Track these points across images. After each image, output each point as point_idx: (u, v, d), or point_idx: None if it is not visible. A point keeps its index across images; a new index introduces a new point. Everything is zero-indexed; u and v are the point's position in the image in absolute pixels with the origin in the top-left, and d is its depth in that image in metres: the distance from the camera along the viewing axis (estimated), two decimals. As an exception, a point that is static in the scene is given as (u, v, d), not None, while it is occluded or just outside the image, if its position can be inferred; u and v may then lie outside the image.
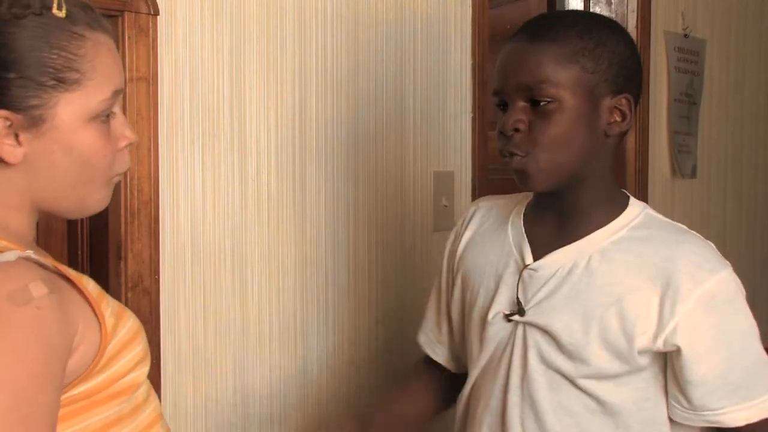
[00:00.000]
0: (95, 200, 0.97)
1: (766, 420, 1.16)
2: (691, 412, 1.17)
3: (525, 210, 1.31)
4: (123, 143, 0.97)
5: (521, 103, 1.18)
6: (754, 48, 3.14)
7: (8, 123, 0.88)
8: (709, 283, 1.15)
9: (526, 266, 1.25)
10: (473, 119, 2.09)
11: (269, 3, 1.70)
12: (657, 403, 1.20)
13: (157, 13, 1.50)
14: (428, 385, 1.49)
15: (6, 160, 0.89)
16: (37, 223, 1.53)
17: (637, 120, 2.64)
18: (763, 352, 1.18)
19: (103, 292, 0.93)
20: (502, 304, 1.27)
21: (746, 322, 1.18)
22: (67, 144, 0.91)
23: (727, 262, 1.20)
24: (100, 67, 0.93)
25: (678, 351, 1.15)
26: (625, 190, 1.29)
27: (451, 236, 1.44)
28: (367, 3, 1.88)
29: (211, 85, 1.61)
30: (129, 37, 1.46)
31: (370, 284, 1.91)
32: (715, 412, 1.16)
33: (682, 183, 2.84)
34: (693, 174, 2.87)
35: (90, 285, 0.91)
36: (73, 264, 1.55)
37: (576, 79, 1.16)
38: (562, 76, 1.16)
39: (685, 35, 2.82)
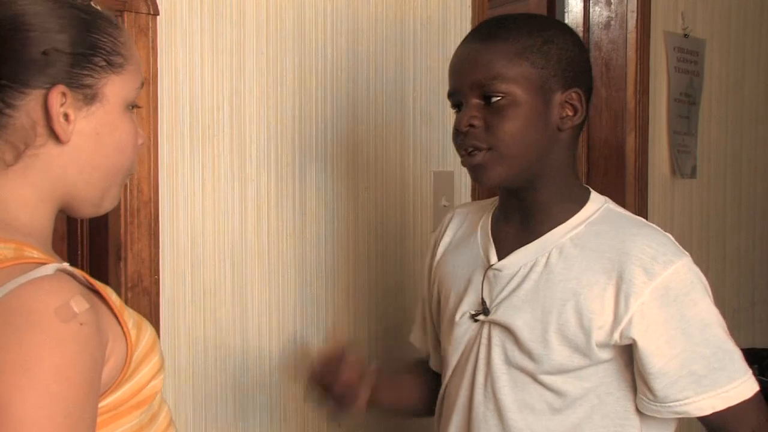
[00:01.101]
0: (113, 196, 1.00)
1: (733, 408, 1.16)
2: (657, 403, 1.18)
3: (493, 212, 1.34)
4: (140, 140, 1.00)
5: (475, 101, 1.21)
6: (754, 48, 3.14)
7: (63, 100, 0.90)
8: (663, 275, 1.16)
9: (490, 266, 1.27)
10: (473, 119, 2.09)
11: (269, 3, 1.70)
12: (620, 397, 1.22)
13: (156, 13, 1.50)
14: (428, 385, 1.49)
15: (59, 137, 0.90)
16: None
17: (637, 120, 2.64)
18: (726, 340, 1.19)
19: (123, 303, 0.94)
20: (468, 304, 1.30)
21: (705, 312, 1.18)
22: (112, 126, 0.94)
23: (685, 252, 1.21)
24: (133, 57, 0.97)
25: (635, 344, 1.16)
26: (587, 186, 1.31)
27: (431, 244, 1.48)
28: (366, 3, 1.88)
29: (211, 85, 1.61)
30: (129, 37, 1.46)
31: (370, 283, 1.91)
32: (680, 402, 1.17)
33: (682, 183, 2.84)
34: (693, 174, 2.87)
35: (113, 297, 0.92)
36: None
37: (526, 75, 1.20)
38: (512, 72, 1.19)
39: (685, 35, 2.82)
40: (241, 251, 1.67)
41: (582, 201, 1.26)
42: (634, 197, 2.62)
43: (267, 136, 1.70)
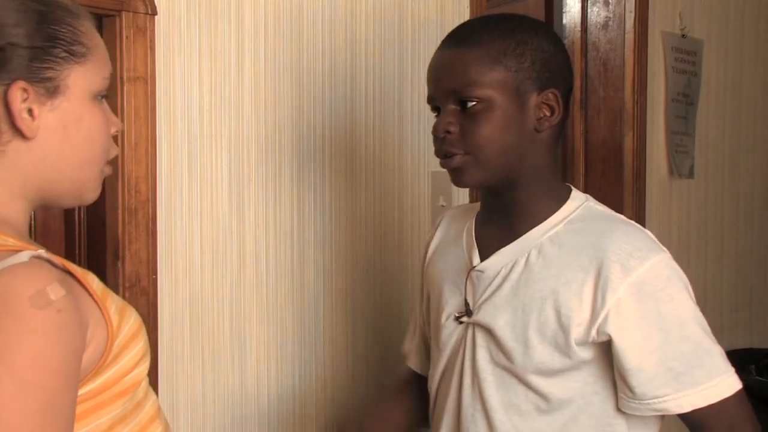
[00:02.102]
0: (92, 188, 0.98)
1: (712, 406, 1.16)
2: (636, 401, 1.18)
3: (478, 214, 1.35)
4: (114, 129, 0.99)
5: (451, 107, 1.23)
6: (752, 48, 3.14)
7: (25, 96, 0.89)
8: (639, 270, 1.15)
9: (473, 268, 1.28)
10: (471, 119, 2.09)
11: (267, 3, 1.70)
12: (606, 397, 1.22)
13: (155, 13, 1.50)
14: (416, 394, 1.50)
15: (24, 134, 0.89)
16: (34, 224, 1.53)
17: (635, 120, 2.65)
18: (705, 337, 1.18)
19: (106, 288, 0.94)
20: (453, 306, 1.31)
21: (683, 308, 1.18)
22: (78, 117, 0.93)
23: (663, 248, 1.20)
24: (97, 47, 0.95)
25: (611, 340, 1.16)
26: (570, 185, 1.31)
27: (423, 250, 1.51)
28: (365, 3, 1.88)
29: (209, 85, 1.62)
30: (127, 37, 1.46)
31: (368, 283, 1.91)
32: (660, 399, 1.16)
33: (680, 183, 2.85)
34: (690, 174, 2.88)
35: (94, 282, 0.92)
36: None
37: (500, 79, 1.20)
38: (487, 77, 1.20)
39: (683, 35, 2.82)
40: (239, 251, 1.67)
41: (562, 199, 1.26)
42: (631, 197, 2.63)
43: (265, 136, 1.71)
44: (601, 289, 1.16)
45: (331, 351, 1.84)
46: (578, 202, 1.26)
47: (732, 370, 1.19)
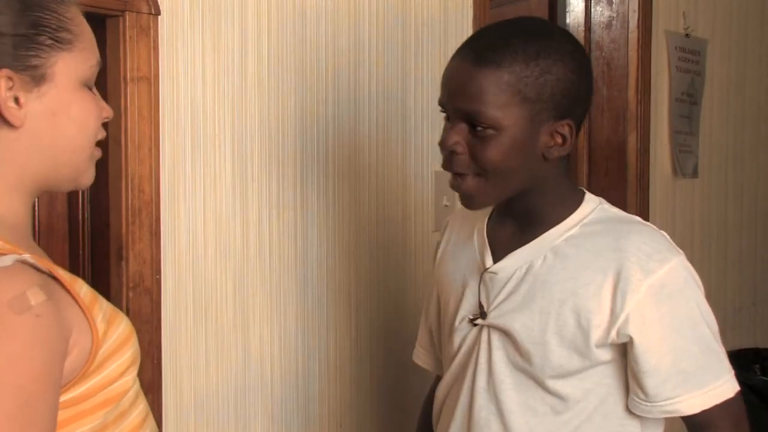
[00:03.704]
0: (86, 170, 0.98)
1: (718, 406, 1.18)
2: (648, 403, 1.19)
3: (489, 217, 1.35)
4: (105, 115, 0.98)
5: (461, 124, 1.19)
6: (755, 47, 3.14)
7: (10, 84, 0.87)
8: (659, 272, 1.16)
9: (486, 270, 1.28)
10: (474, 119, 2.09)
11: (270, 3, 1.70)
12: (618, 398, 1.23)
13: (158, 13, 1.50)
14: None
15: (11, 122, 0.88)
16: (38, 224, 1.53)
17: (639, 120, 2.65)
18: (714, 339, 1.20)
19: (96, 295, 0.93)
20: (467, 309, 1.30)
21: (697, 310, 1.19)
22: (67, 104, 0.92)
23: (680, 250, 1.21)
24: (85, 33, 0.94)
25: (631, 341, 1.17)
26: (582, 188, 1.30)
27: (433, 252, 1.50)
28: (368, 3, 1.88)
29: (213, 85, 1.61)
30: (130, 37, 1.46)
31: (371, 283, 1.91)
32: (672, 401, 1.18)
33: (684, 183, 2.84)
34: (694, 173, 2.88)
35: (83, 289, 0.90)
36: (74, 264, 1.55)
37: (516, 108, 1.16)
38: (501, 102, 1.15)
39: (687, 35, 2.82)
40: (242, 251, 1.67)
41: (576, 203, 1.26)
42: (635, 197, 2.63)
43: (269, 136, 1.70)
44: (621, 291, 1.16)
45: (334, 348, 1.84)
46: (593, 205, 1.26)
47: (732, 372, 1.21)
